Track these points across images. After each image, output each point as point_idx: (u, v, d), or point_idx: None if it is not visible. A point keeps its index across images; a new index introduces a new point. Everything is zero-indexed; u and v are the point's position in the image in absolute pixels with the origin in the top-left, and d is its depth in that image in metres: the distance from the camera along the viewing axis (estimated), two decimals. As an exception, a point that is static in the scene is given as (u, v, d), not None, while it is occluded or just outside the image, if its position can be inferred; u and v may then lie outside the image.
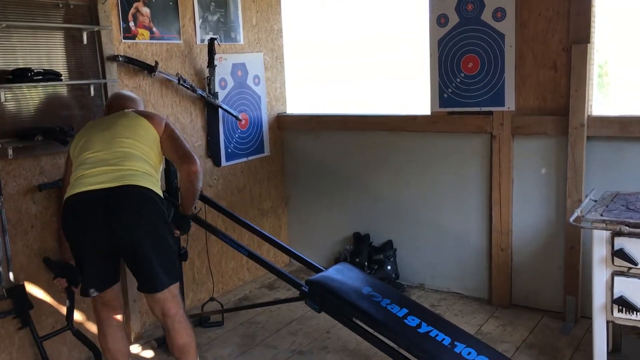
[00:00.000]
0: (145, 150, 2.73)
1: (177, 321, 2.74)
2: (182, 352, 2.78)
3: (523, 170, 3.72)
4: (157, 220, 2.65)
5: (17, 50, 2.96)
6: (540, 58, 3.55)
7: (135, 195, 2.61)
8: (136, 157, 2.69)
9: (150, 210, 2.64)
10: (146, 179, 2.66)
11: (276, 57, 4.57)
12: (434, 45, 3.86)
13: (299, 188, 4.71)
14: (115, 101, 3.03)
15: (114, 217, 2.58)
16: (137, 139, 2.73)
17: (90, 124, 2.90)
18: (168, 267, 2.70)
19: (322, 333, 3.61)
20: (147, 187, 2.63)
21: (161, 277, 2.66)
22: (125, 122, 2.79)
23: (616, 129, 3.37)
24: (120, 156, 2.67)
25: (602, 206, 2.86)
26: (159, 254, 2.65)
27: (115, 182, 2.60)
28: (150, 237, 2.63)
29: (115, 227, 2.59)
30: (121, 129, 2.75)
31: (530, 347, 3.36)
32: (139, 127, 2.76)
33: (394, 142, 4.19)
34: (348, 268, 3.29)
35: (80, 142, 2.77)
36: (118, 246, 2.64)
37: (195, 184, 2.80)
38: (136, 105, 3.02)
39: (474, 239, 3.98)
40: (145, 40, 3.57)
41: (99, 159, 2.67)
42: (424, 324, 2.83)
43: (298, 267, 4.56)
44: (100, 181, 2.61)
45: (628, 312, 2.63)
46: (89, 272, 2.71)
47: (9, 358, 3.01)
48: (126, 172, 2.63)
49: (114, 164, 2.64)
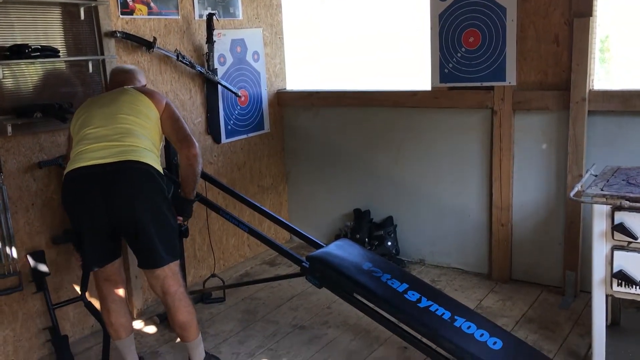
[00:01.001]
0: (146, 127, 2.72)
1: (178, 299, 2.75)
2: (183, 328, 2.80)
3: (524, 145, 3.71)
4: (156, 196, 2.65)
5: (14, 26, 2.93)
6: (541, 32, 3.52)
7: (135, 170, 2.59)
8: (137, 134, 2.68)
9: (150, 185, 2.63)
10: (146, 155, 2.65)
11: (275, 32, 4.53)
12: (434, 19, 3.82)
13: (299, 164, 4.71)
14: (115, 76, 3.02)
15: (113, 191, 2.57)
16: (138, 116, 2.72)
17: (90, 101, 2.88)
18: (168, 243, 2.70)
19: (322, 308, 3.63)
20: (148, 163, 2.62)
21: (161, 253, 2.66)
22: (126, 98, 2.77)
23: (618, 103, 3.35)
24: (121, 132, 2.65)
25: (602, 181, 2.85)
26: (159, 230, 2.65)
27: (116, 158, 2.58)
28: (150, 213, 2.62)
29: (115, 202, 2.57)
30: (122, 105, 2.73)
31: (530, 321, 3.38)
32: (140, 104, 2.75)
33: (394, 118, 4.17)
34: (348, 244, 3.30)
35: (80, 119, 2.75)
36: (117, 221, 2.62)
37: (195, 168, 2.78)
38: (135, 77, 3.00)
39: (474, 214, 3.99)
40: (143, 16, 3.54)
41: (100, 134, 2.65)
42: (424, 298, 2.85)
43: (299, 243, 4.59)
44: (100, 156, 2.59)
45: (627, 286, 2.64)
46: (88, 247, 2.71)
47: (13, 334, 3.04)
48: (127, 148, 2.62)
49: (114, 140, 2.63)
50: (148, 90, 2.90)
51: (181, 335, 2.84)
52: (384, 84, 4.49)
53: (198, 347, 2.88)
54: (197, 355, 2.89)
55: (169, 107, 2.82)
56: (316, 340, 3.28)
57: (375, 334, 3.28)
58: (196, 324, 2.84)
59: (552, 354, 3.02)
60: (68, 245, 3.21)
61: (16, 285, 2.97)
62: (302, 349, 3.20)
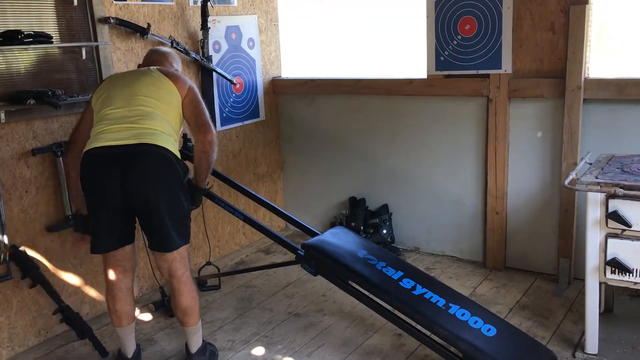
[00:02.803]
0: (166, 111, 2.71)
1: (183, 282, 2.76)
2: (185, 313, 2.81)
3: (519, 133, 3.71)
4: (172, 179, 2.65)
5: (6, 12, 2.91)
6: (538, 20, 3.51)
7: (151, 153, 2.59)
8: (156, 117, 2.66)
9: (166, 169, 2.62)
10: (164, 139, 2.63)
11: (270, 19, 4.50)
12: (430, 6, 3.80)
13: (295, 152, 4.70)
14: (149, 56, 3.03)
15: (129, 172, 2.56)
16: (159, 99, 2.70)
17: (112, 78, 2.87)
18: (180, 227, 2.71)
19: (318, 296, 3.64)
20: (165, 147, 2.61)
21: (173, 237, 2.67)
22: (148, 80, 2.74)
23: (613, 91, 3.35)
24: (140, 114, 2.64)
25: (597, 169, 2.86)
26: (172, 213, 2.65)
27: (133, 140, 2.58)
28: (165, 196, 2.62)
29: (130, 183, 2.56)
30: (143, 86, 2.71)
31: (524, 308, 3.40)
32: (162, 88, 2.72)
33: (390, 106, 4.16)
34: (344, 232, 3.31)
35: (101, 97, 2.74)
36: (132, 203, 2.61)
37: (210, 155, 2.76)
38: (168, 60, 2.98)
39: (469, 202, 4.00)
40: (137, 2, 3.51)
41: (120, 115, 2.65)
42: (418, 286, 2.86)
43: (294, 231, 4.59)
44: (118, 137, 2.59)
45: (621, 273, 2.66)
46: (100, 228, 2.70)
47: (8, 322, 3.04)
48: (145, 131, 2.61)
49: (133, 122, 2.62)
50: (172, 73, 2.84)
51: (182, 319, 2.84)
52: (379, 72, 4.48)
53: (197, 333, 2.89)
54: (195, 342, 2.89)
55: (192, 92, 2.78)
56: (311, 327, 3.29)
57: (370, 321, 3.29)
58: (198, 310, 2.85)
59: (546, 341, 3.04)
60: (62, 233, 3.22)
61: (5, 274, 2.95)
62: (297, 336, 3.21)
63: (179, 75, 2.86)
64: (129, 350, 2.91)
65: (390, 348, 3.05)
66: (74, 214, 3.05)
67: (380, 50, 4.67)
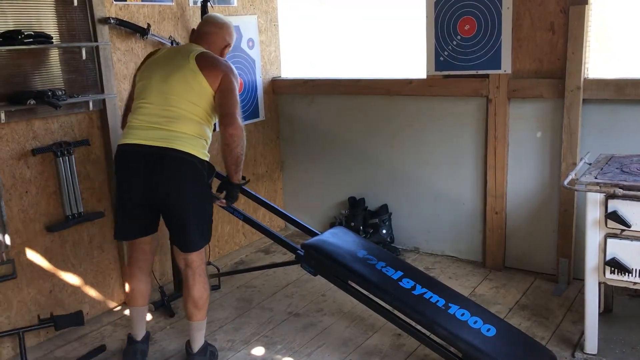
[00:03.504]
0: (197, 111, 2.73)
1: (198, 274, 2.82)
2: (195, 305, 2.84)
3: (518, 133, 3.71)
4: (194, 183, 2.71)
5: (6, 12, 2.90)
6: (537, 20, 3.51)
7: (174, 159, 2.65)
8: (185, 119, 2.70)
9: (187, 173, 2.68)
10: (190, 143, 2.68)
11: (270, 19, 4.50)
12: (430, 6, 3.81)
13: (294, 152, 4.70)
14: (203, 26, 2.99)
15: (154, 174, 2.67)
16: (190, 99, 2.72)
17: (154, 60, 2.87)
18: (202, 229, 2.80)
19: (317, 296, 3.65)
20: (189, 152, 2.67)
21: (193, 239, 2.77)
22: (183, 76, 2.72)
23: (612, 91, 3.35)
24: (171, 116, 2.70)
25: (596, 169, 2.86)
26: (194, 217, 2.73)
27: (161, 142, 2.66)
28: (186, 201, 2.70)
29: (153, 185, 2.68)
30: (178, 85, 2.72)
31: (523, 308, 3.40)
32: (195, 85, 2.72)
33: (389, 106, 4.17)
34: (343, 232, 3.31)
35: (142, 80, 2.82)
36: (155, 201, 2.73)
37: (234, 148, 2.72)
38: (222, 36, 2.94)
39: (468, 202, 4.00)
40: (137, 2, 3.51)
41: (152, 112, 2.73)
42: (418, 286, 2.86)
43: (293, 231, 4.59)
44: (147, 137, 2.69)
45: (620, 273, 2.67)
46: (123, 219, 2.84)
47: (8, 322, 3.04)
48: (173, 134, 2.67)
49: (163, 123, 2.69)
50: (209, 64, 2.77)
51: (191, 312, 2.86)
52: (379, 72, 4.48)
53: (201, 330, 2.91)
54: (199, 339, 2.91)
55: (224, 82, 2.74)
56: (311, 327, 3.30)
57: (369, 321, 3.29)
58: (207, 305, 2.88)
59: (545, 341, 3.04)
60: (62, 233, 3.22)
61: (10, 273, 2.97)
62: (297, 336, 3.21)
63: (214, 65, 2.78)
64: (139, 333, 2.99)
65: (389, 348, 3.06)
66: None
67: (380, 50, 4.67)
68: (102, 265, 3.48)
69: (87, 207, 3.33)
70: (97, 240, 3.43)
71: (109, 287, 3.54)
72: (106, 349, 3.13)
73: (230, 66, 2.84)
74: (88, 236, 3.38)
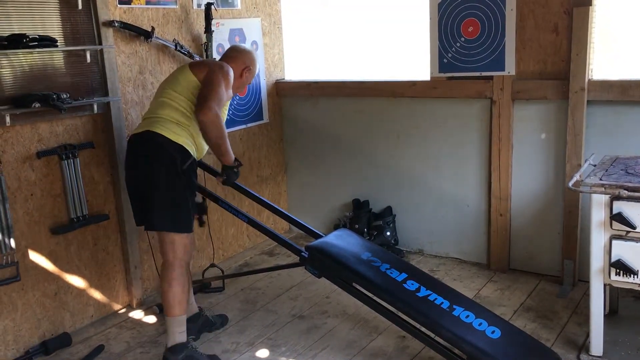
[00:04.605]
0: (178, 99, 2.85)
1: (165, 268, 2.87)
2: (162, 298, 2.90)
3: (523, 135, 3.71)
4: (161, 164, 2.78)
5: (11, 16, 2.92)
6: (541, 21, 3.51)
7: (146, 140, 2.80)
8: (168, 106, 2.85)
9: (156, 154, 2.78)
10: (165, 126, 2.80)
11: (274, 22, 4.51)
12: (433, 8, 3.81)
13: (298, 155, 4.70)
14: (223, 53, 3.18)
15: (131, 157, 2.89)
16: (176, 89, 2.88)
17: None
18: (163, 211, 2.81)
19: (322, 298, 3.65)
20: (161, 134, 2.78)
21: (153, 217, 2.82)
22: (177, 73, 2.97)
23: (616, 92, 3.34)
24: (158, 105, 2.90)
25: (601, 170, 2.86)
26: (157, 196, 2.80)
27: (140, 129, 2.87)
28: (151, 178, 2.79)
29: (133, 167, 2.88)
30: (171, 80, 2.95)
31: (528, 310, 3.39)
32: (182, 78, 2.90)
33: (393, 108, 4.17)
34: (347, 234, 3.31)
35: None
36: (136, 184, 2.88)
37: (208, 133, 2.81)
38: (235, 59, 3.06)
39: (473, 204, 4.00)
40: (141, 5, 3.52)
41: (150, 106, 2.99)
42: (422, 288, 2.86)
43: (298, 233, 4.59)
44: (140, 126, 2.91)
45: (625, 275, 2.66)
46: (132, 205, 2.99)
47: (13, 324, 3.05)
48: (153, 119, 2.85)
49: (152, 113, 2.90)
50: (199, 63, 3.07)
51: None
52: (383, 74, 4.48)
53: (169, 328, 2.87)
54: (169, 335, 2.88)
55: (207, 75, 2.85)
56: (315, 329, 3.30)
57: (374, 323, 3.29)
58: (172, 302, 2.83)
59: (550, 343, 3.03)
60: (67, 235, 3.23)
61: (14, 276, 2.97)
62: (301, 338, 3.21)
63: (204, 63, 3.07)
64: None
65: (394, 350, 3.05)
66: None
67: (384, 52, 4.68)
68: (107, 267, 3.49)
69: (91, 210, 3.34)
70: (102, 243, 3.44)
71: (113, 289, 3.55)
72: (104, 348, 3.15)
73: (221, 64, 2.94)
74: (93, 239, 3.39)
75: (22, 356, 3.06)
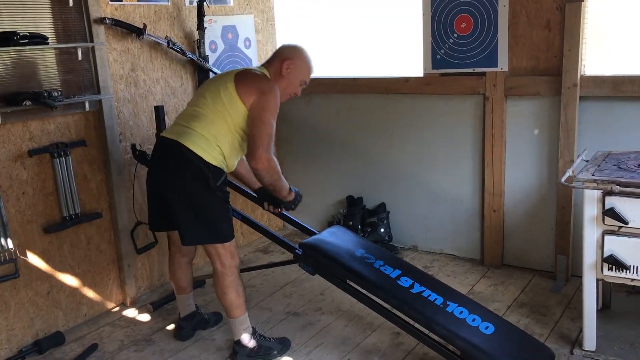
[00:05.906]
0: (217, 117, 2.73)
1: (216, 276, 2.88)
2: (223, 306, 2.96)
3: (516, 131, 3.71)
4: (191, 181, 2.71)
5: (2, 13, 2.90)
6: (534, 17, 3.51)
7: (177, 152, 2.70)
8: (203, 118, 2.75)
9: (186, 170, 2.70)
10: (198, 141, 2.70)
11: (267, 19, 4.50)
12: (426, 5, 3.80)
13: (292, 151, 4.70)
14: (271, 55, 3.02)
15: (158, 164, 2.84)
16: (215, 103, 2.75)
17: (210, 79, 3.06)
18: (197, 226, 2.78)
19: (316, 295, 3.65)
20: (192, 150, 2.68)
21: (185, 233, 2.80)
22: (218, 83, 2.80)
23: (609, 88, 3.35)
24: (192, 114, 2.80)
25: (593, 166, 2.86)
26: (189, 213, 2.75)
27: (173, 136, 2.76)
28: (181, 196, 2.74)
29: (159, 175, 2.82)
30: (209, 90, 2.82)
31: (521, 305, 3.41)
32: (225, 93, 2.74)
33: (386, 105, 4.17)
34: (341, 231, 3.31)
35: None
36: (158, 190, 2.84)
37: (262, 178, 2.80)
38: (276, 58, 2.93)
39: (466, 200, 4.00)
40: (133, 2, 3.50)
41: (183, 112, 2.89)
42: (416, 284, 2.86)
43: (292, 230, 4.59)
44: (169, 131, 2.84)
45: (618, 270, 2.67)
46: (149, 208, 2.99)
47: (6, 323, 3.04)
48: (184, 130, 2.75)
49: (184, 120, 2.81)
50: (244, 80, 2.77)
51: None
52: (376, 71, 4.47)
53: (232, 326, 2.98)
54: (234, 332, 2.98)
55: (255, 108, 2.71)
56: (310, 326, 3.30)
57: (368, 320, 3.29)
58: (229, 307, 2.91)
59: (544, 338, 3.04)
60: (59, 234, 3.21)
61: (12, 273, 2.96)
62: (295, 335, 3.21)
63: (249, 81, 2.77)
64: (182, 312, 3.23)
65: (388, 346, 3.06)
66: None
67: (377, 49, 4.67)
68: (100, 266, 3.48)
69: (84, 208, 3.32)
70: (95, 241, 3.43)
71: (107, 287, 3.54)
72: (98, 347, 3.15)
73: (270, 86, 2.77)
74: (86, 237, 3.37)
75: (15, 355, 3.05)
